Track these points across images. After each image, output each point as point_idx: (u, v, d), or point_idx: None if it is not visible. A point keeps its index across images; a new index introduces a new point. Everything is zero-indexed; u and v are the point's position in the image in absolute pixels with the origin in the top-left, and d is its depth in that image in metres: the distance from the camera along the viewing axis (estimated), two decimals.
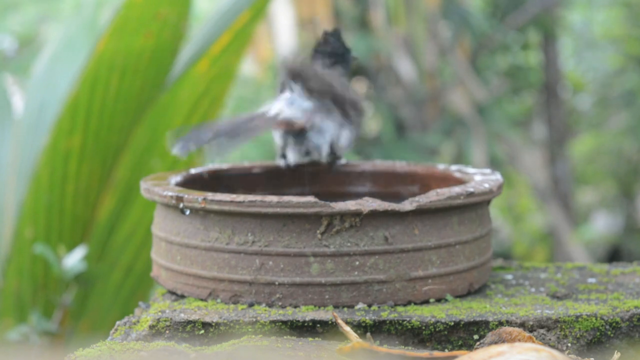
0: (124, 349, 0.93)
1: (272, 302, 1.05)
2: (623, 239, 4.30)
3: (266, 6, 1.87)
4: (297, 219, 1.04)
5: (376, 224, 1.05)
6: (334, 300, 1.05)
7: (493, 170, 1.20)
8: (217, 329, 1.01)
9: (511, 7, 3.93)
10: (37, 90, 1.92)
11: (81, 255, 1.58)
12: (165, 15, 1.75)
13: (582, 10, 4.73)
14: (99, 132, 1.78)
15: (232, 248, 1.06)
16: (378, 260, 1.05)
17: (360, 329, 1.01)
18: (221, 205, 1.05)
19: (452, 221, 1.08)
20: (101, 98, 1.77)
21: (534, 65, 4.27)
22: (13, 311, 1.81)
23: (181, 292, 1.10)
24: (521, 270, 1.21)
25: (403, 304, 1.06)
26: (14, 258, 1.79)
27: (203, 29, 1.86)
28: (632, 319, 1.03)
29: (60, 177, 1.78)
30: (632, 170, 4.32)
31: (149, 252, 1.44)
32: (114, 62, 1.75)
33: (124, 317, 1.06)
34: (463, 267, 1.09)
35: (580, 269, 1.22)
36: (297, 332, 1.01)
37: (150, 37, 1.76)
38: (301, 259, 1.04)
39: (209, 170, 1.26)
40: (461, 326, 1.02)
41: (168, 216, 1.11)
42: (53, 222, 1.79)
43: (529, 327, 1.02)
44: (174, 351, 0.91)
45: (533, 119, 4.60)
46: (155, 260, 1.14)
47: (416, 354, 0.89)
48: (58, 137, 1.77)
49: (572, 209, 4.17)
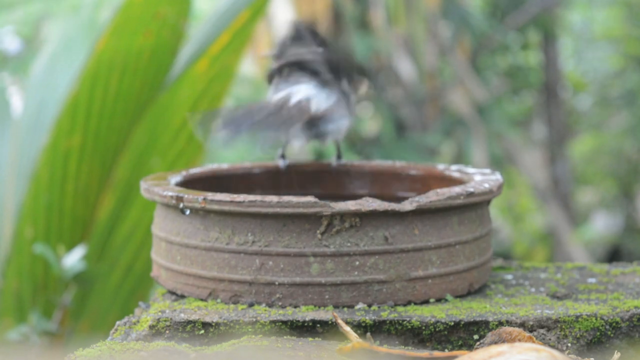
0: (124, 349, 0.93)
1: (272, 302, 1.05)
2: (623, 239, 4.30)
3: (265, 5, 1.87)
4: (297, 219, 1.04)
5: (376, 224, 1.05)
6: (334, 300, 1.05)
7: (493, 170, 1.20)
8: (217, 329, 1.01)
9: (511, 7, 3.93)
10: (36, 89, 1.92)
11: (81, 255, 1.58)
12: (164, 15, 1.75)
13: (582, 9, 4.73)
14: (99, 132, 1.78)
15: (232, 248, 1.06)
16: (378, 260, 1.05)
17: (360, 329, 1.01)
18: (221, 205, 1.05)
19: (452, 221, 1.08)
20: (101, 98, 1.77)
21: (534, 65, 4.26)
22: (13, 311, 1.81)
23: (181, 292, 1.10)
24: (521, 270, 1.21)
25: (403, 304, 1.06)
26: (14, 258, 1.79)
27: (202, 28, 1.86)
28: (632, 319, 1.03)
29: (60, 176, 1.78)
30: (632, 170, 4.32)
31: (148, 252, 1.43)
32: (113, 61, 1.75)
33: (124, 317, 1.06)
34: (463, 267, 1.09)
35: (580, 269, 1.22)
36: (297, 332, 1.01)
37: (150, 37, 1.75)
38: (301, 259, 1.04)
39: (209, 170, 1.26)
40: (461, 326, 1.02)
41: (168, 216, 1.10)
42: (53, 222, 1.79)
43: (529, 327, 1.02)
44: (174, 351, 0.91)
45: (533, 119, 4.60)
46: (155, 260, 1.14)
47: (416, 354, 0.89)
48: (57, 136, 1.77)
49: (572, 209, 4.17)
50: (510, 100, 4.21)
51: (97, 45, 1.75)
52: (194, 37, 1.86)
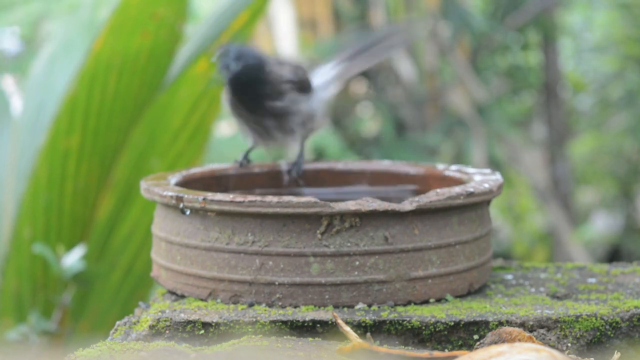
0: (124, 349, 0.93)
1: (272, 302, 1.05)
2: (623, 239, 4.30)
3: (265, 6, 1.87)
4: (297, 219, 1.04)
5: (376, 224, 1.04)
6: (334, 300, 1.04)
7: (493, 170, 1.20)
8: (217, 329, 1.01)
9: (511, 7, 3.93)
10: (35, 89, 1.92)
11: (80, 255, 1.58)
12: (161, 15, 1.75)
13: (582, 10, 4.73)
14: (98, 132, 1.78)
15: (232, 248, 1.05)
16: (378, 260, 1.05)
17: (360, 329, 1.01)
18: (221, 205, 1.05)
19: (452, 221, 1.08)
20: (99, 98, 1.77)
21: (534, 65, 4.26)
22: (12, 311, 1.81)
23: (181, 292, 1.10)
24: (521, 270, 1.21)
25: (403, 304, 1.06)
26: (13, 258, 1.79)
27: (202, 28, 1.86)
28: (632, 319, 1.03)
29: (59, 176, 1.78)
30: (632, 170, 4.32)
31: (148, 252, 1.43)
32: (111, 61, 1.75)
33: (124, 317, 1.06)
34: (463, 267, 1.09)
35: (580, 269, 1.22)
36: (297, 332, 1.01)
37: (147, 37, 1.75)
38: (301, 259, 1.04)
39: (209, 170, 1.25)
40: (461, 326, 1.02)
41: (168, 216, 1.10)
42: (52, 222, 1.79)
43: (529, 327, 1.02)
44: (174, 351, 0.91)
45: (533, 119, 4.60)
46: (155, 260, 1.14)
47: (416, 354, 0.89)
48: (56, 136, 1.77)
49: (572, 209, 4.17)
50: (510, 100, 4.21)
51: (94, 45, 1.75)
52: (193, 37, 1.86)
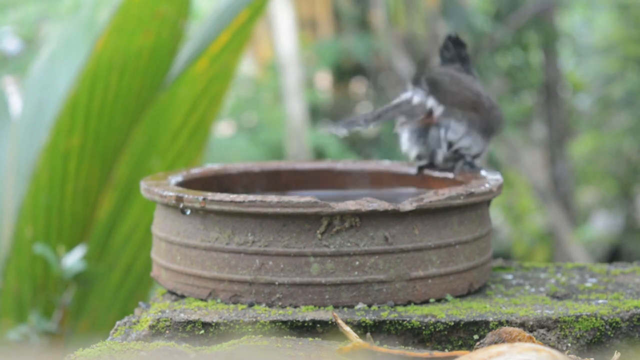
0: (124, 349, 0.93)
1: (272, 302, 1.05)
2: (623, 239, 4.31)
3: (265, 5, 1.87)
4: (297, 219, 1.04)
5: (376, 224, 1.04)
6: (334, 300, 1.04)
7: (493, 170, 1.20)
8: (217, 329, 1.01)
9: (511, 7, 3.93)
10: (35, 89, 1.92)
11: (80, 255, 1.58)
12: (164, 14, 1.75)
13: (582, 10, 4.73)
14: (98, 132, 1.78)
15: (232, 248, 1.05)
16: (378, 260, 1.05)
17: (360, 329, 1.01)
18: (221, 205, 1.05)
19: (452, 221, 1.08)
20: (100, 97, 1.77)
21: (534, 65, 4.27)
22: (13, 311, 1.81)
23: (181, 292, 1.10)
24: (521, 270, 1.21)
25: (403, 304, 1.06)
26: (14, 258, 1.79)
27: (202, 27, 1.86)
28: (632, 319, 1.03)
29: (60, 176, 1.78)
30: (632, 170, 4.32)
31: (148, 252, 1.43)
32: (112, 61, 1.75)
33: (124, 317, 1.06)
34: (463, 267, 1.09)
35: (580, 269, 1.22)
36: (297, 332, 1.01)
37: (149, 36, 1.75)
38: (301, 259, 1.04)
39: (209, 170, 1.25)
40: (461, 326, 1.02)
41: (168, 216, 1.10)
42: (52, 222, 1.79)
43: (529, 327, 1.02)
44: (174, 351, 0.91)
45: (533, 119, 4.60)
46: (155, 260, 1.14)
47: (416, 354, 0.89)
48: (57, 136, 1.77)
49: (572, 209, 4.17)
50: (510, 100, 4.22)
51: (96, 45, 1.75)
52: (194, 36, 1.86)
